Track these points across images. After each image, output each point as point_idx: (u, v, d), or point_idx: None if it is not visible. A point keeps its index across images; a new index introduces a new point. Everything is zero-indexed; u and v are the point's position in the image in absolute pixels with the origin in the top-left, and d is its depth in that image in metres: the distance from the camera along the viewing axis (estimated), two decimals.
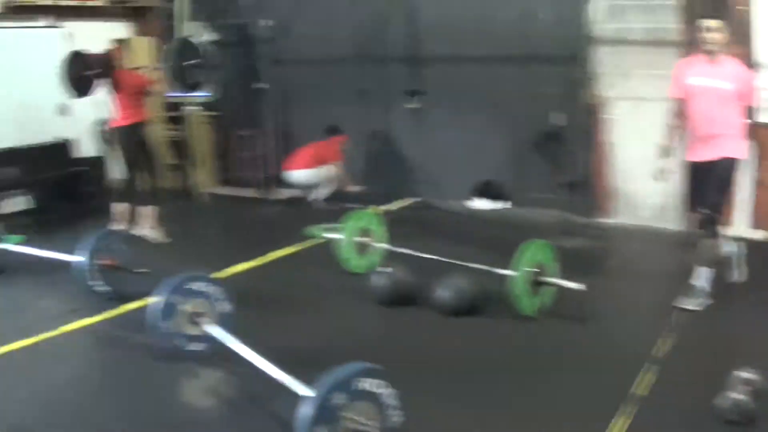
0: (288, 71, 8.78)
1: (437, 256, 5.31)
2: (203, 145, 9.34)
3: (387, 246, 5.71)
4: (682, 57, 5.48)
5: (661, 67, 5.07)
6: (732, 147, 4.68)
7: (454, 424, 3.47)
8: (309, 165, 8.11)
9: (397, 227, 6.26)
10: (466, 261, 5.11)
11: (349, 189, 8.23)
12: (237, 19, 8.86)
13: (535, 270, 4.63)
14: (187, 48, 6.87)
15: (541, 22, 7.05)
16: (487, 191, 7.79)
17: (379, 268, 5.17)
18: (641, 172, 5.08)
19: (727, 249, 5.08)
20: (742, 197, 6.20)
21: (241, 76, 8.99)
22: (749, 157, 5.14)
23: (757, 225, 6.36)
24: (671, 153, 4.90)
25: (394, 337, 4.56)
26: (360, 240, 5.70)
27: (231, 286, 4.41)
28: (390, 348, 4.29)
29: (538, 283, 4.66)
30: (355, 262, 5.66)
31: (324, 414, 2.76)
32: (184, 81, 6.84)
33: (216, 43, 7.60)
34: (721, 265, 4.98)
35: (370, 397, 2.89)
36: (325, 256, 5.84)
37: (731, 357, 3.84)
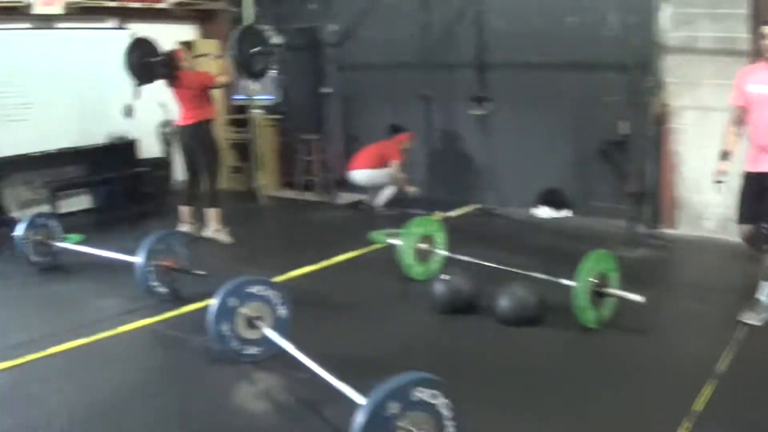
0: (353, 76, 8.88)
1: (498, 264, 5.27)
2: (267, 148, 9.49)
3: (448, 253, 5.69)
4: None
5: (729, 76, 4.93)
6: None
7: None
8: (370, 164, 8.08)
9: (459, 234, 6.23)
10: (527, 270, 5.05)
11: (406, 190, 8.14)
12: (303, 23, 8.98)
13: (597, 281, 4.56)
14: (252, 35, 6.74)
15: (608, 30, 6.95)
16: (551, 199, 7.72)
17: (439, 276, 5.12)
18: (707, 182, 4.96)
19: None
20: None
21: (306, 80, 9.14)
22: None
23: None
24: (730, 158, 4.74)
25: (453, 346, 4.50)
26: (421, 246, 5.68)
27: (290, 289, 4.44)
28: (448, 357, 4.27)
29: (600, 294, 4.57)
30: (415, 269, 5.65)
31: (378, 423, 2.72)
32: (249, 69, 6.73)
33: (282, 47, 7.69)
34: None
35: (426, 407, 2.83)
36: (387, 261, 5.83)
37: None
